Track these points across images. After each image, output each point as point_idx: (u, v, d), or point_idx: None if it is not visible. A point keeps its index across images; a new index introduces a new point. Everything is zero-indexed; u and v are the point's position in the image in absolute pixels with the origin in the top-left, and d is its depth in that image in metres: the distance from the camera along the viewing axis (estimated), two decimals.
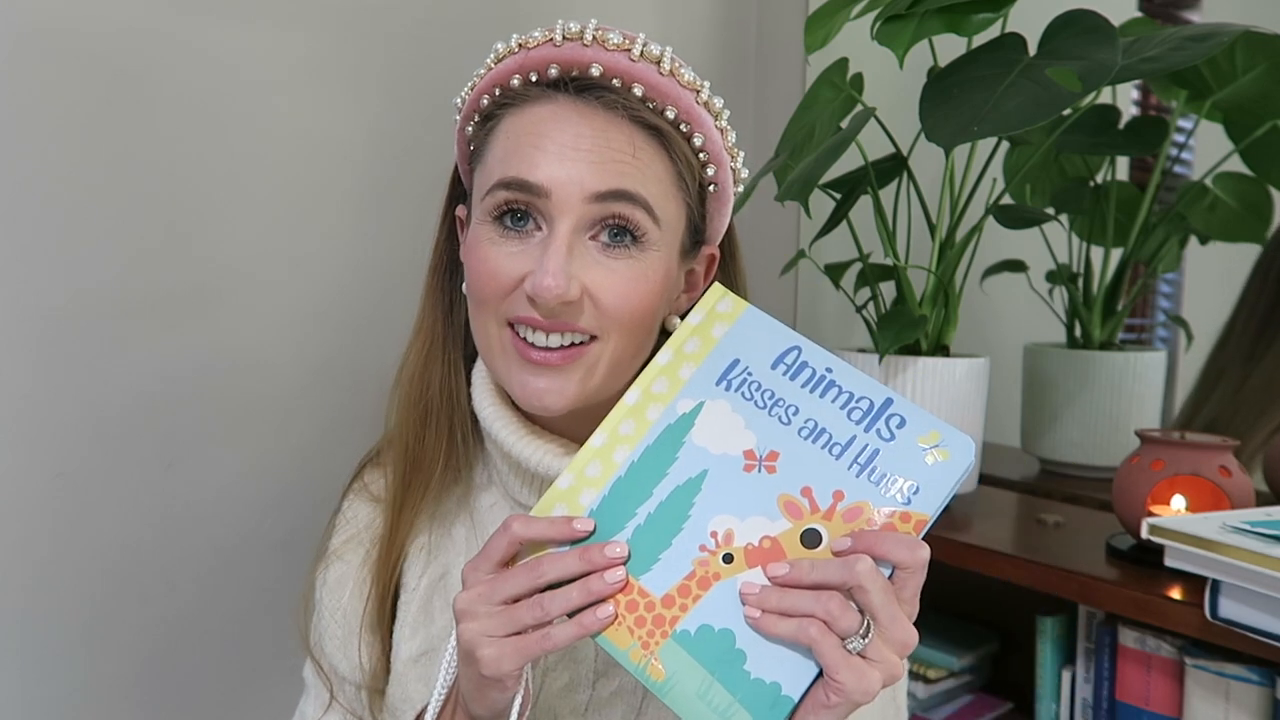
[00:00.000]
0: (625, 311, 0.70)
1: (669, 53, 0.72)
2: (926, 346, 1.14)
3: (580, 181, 0.68)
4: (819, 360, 0.63)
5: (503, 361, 0.72)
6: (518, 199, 0.69)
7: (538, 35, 0.71)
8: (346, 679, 0.82)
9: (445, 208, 0.81)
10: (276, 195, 1.12)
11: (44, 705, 1.02)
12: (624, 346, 0.72)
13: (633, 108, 0.70)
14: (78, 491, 1.02)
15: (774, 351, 0.64)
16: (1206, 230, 1.35)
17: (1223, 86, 1.21)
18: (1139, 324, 1.63)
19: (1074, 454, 1.34)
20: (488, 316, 0.72)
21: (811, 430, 0.61)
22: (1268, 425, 1.29)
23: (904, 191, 1.18)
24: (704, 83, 0.73)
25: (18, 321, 0.98)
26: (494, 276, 0.70)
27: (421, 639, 0.79)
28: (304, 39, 1.12)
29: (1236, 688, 0.87)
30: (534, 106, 0.70)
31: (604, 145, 0.69)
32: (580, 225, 0.69)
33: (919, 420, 0.60)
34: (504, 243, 0.70)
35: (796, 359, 0.64)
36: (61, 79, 0.99)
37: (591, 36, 0.70)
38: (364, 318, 1.18)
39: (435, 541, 0.81)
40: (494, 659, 0.59)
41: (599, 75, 0.70)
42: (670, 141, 0.71)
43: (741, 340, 0.65)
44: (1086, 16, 0.96)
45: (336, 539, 0.84)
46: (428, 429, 0.78)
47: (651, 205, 0.70)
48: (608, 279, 0.69)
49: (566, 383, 0.71)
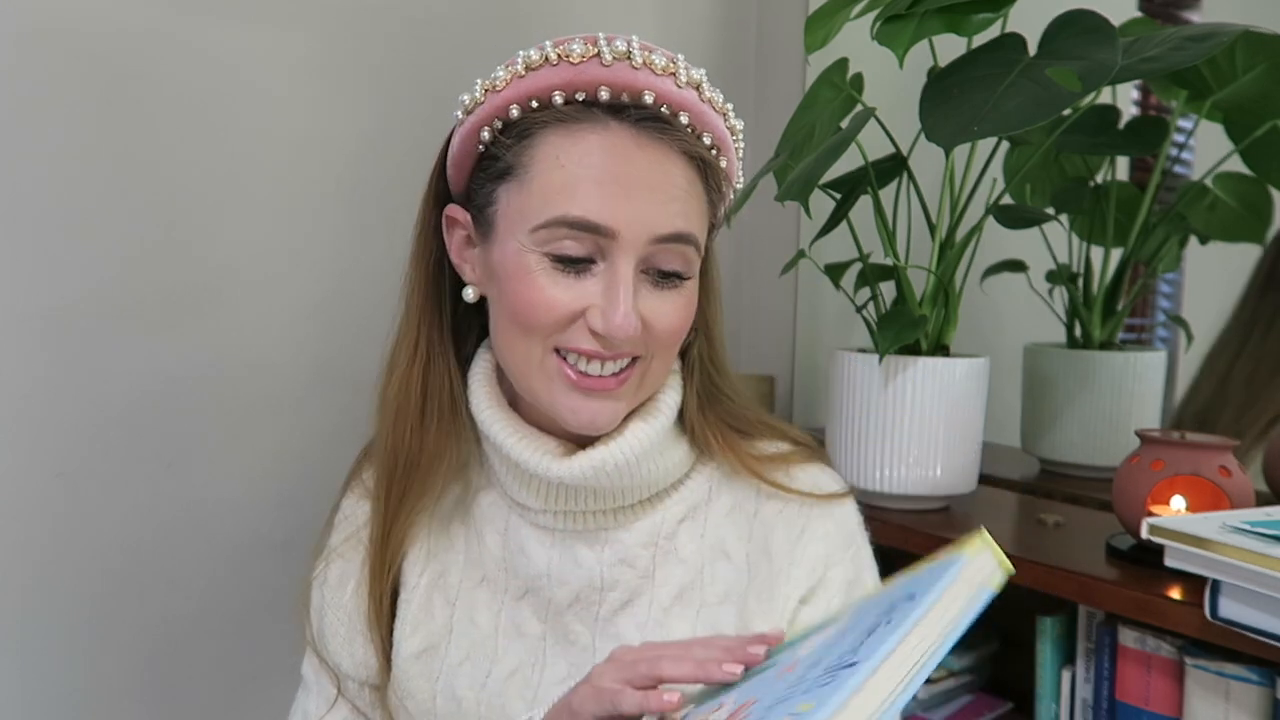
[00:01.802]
0: (674, 335, 0.73)
1: (704, 76, 0.72)
2: (926, 346, 1.14)
3: (646, 224, 0.68)
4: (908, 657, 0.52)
5: (546, 388, 0.72)
6: (581, 237, 0.68)
7: (578, 50, 0.69)
8: (350, 676, 0.82)
9: (430, 207, 0.80)
10: (276, 195, 1.12)
11: (44, 705, 1.02)
12: (664, 362, 0.75)
13: (684, 140, 0.70)
14: (78, 491, 1.02)
15: (876, 618, 0.56)
16: (1206, 230, 1.35)
17: (1223, 86, 1.21)
18: (1139, 324, 1.63)
19: (1074, 454, 1.34)
20: (533, 343, 0.71)
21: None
22: (1256, 420, 1.30)
23: (904, 191, 1.18)
24: (729, 105, 0.74)
25: (18, 321, 0.98)
26: (551, 309, 0.70)
27: (422, 636, 0.80)
28: (304, 39, 1.12)
29: (1236, 688, 0.87)
30: (585, 132, 0.69)
31: (665, 183, 0.69)
32: (640, 264, 0.70)
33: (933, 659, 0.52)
34: (559, 275, 0.70)
35: (886, 621, 0.54)
36: (61, 80, 0.99)
37: (641, 59, 0.69)
38: (364, 317, 1.18)
39: (434, 541, 0.82)
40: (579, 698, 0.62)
41: (652, 103, 0.69)
42: (711, 172, 0.72)
43: (870, 610, 0.58)
44: (1086, 16, 0.96)
45: (336, 537, 0.84)
46: (426, 429, 0.78)
47: (700, 242, 0.72)
48: (661, 307, 0.71)
49: (618, 404, 0.73)
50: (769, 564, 0.78)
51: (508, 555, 0.80)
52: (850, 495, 0.83)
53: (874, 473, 1.12)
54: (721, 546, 0.79)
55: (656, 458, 0.77)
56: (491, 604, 0.80)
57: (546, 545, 0.78)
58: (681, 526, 0.79)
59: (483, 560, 0.81)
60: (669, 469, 0.78)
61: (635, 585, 0.78)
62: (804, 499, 0.79)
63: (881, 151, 1.16)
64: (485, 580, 0.80)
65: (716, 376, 0.81)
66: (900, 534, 1.08)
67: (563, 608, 0.78)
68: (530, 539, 0.79)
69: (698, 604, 0.77)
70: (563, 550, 0.78)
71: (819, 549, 0.78)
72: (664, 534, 0.79)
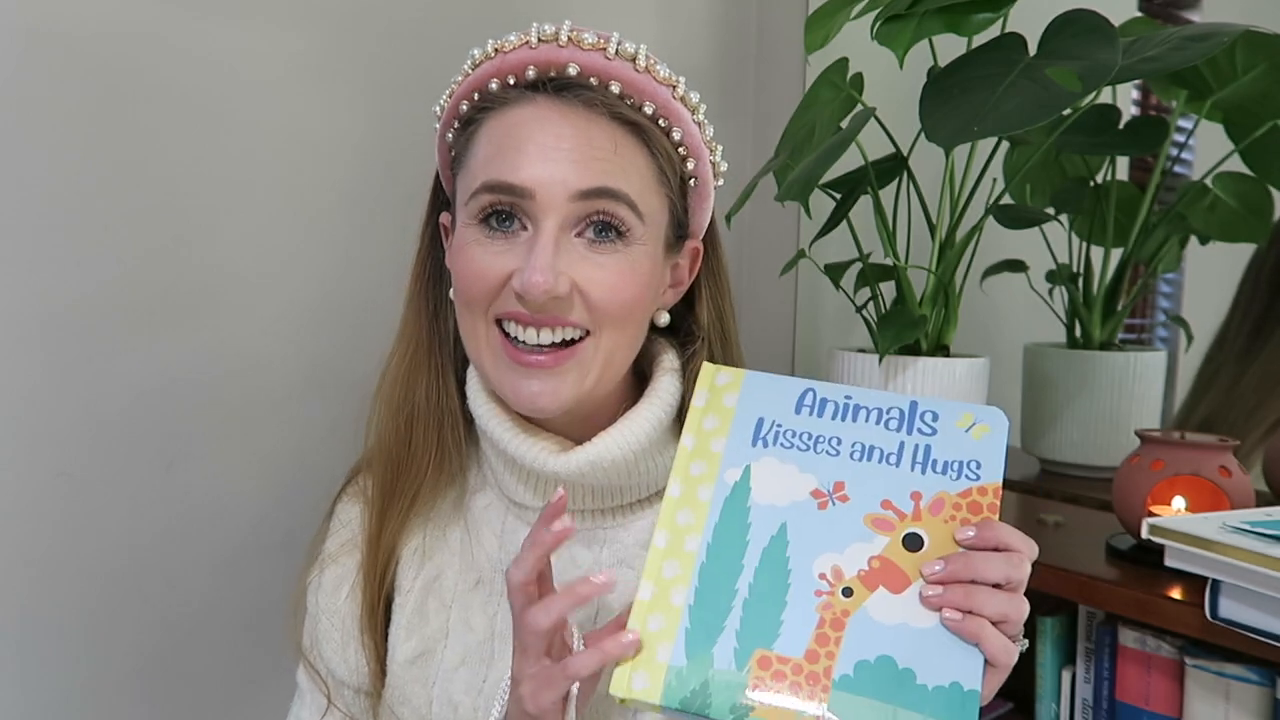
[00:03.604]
0: (615, 304, 0.71)
1: (644, 50, 0.73)
2: (926, 346, 1.14)
3: (563, 180, 0.69)
4: (835, 392, 0.65)
5: (493, 364, 0.73)
6: (502, 201, 0.70)
7: (513, 39, 0.72)
8: (345, 683, 0.82)
9: (427, 216, 0.82)
10: (276, 196, 1.12)
11: (44, 705, 1.02)
12: (616, 341, 0.73)
13: (611, 105, 0.71)
14: (79, 491, 1.02)
15: (791, 399, 0.65)
16: (1206, 230, 1.35)
17: (1223, 86, 1.21)
18: (1139, 324, 1.63)
19: (1074, 454, 1.34)
20: (476, 317, 0.72)
21: (863, 451, 0.63)
22: (1261, 423, 1.30)
23: (904, 191, 1.18)
24: (679, 78, 0.74)
25: (19, 322, 0.98)
26: (481, 276, 0.70)
27: (417, 641, 0.79)
28: (301, 40, 1.13)
29: (1236, 688, 0.87)
30: (514, 109, 0.71)
31: (585, 143, 0.70)
32: (565, 223, 0.70)
33: (948, 409, 0.64)
34: (490, 243, 0.71)
35: (815, 398, 0.65)
36: (60, 81, 0.99)
37: (567, 37, 0.71)
38: (364, 318, 1.18)
39: (429, 544, 0.81)
40: (530, 693, 0.62)
41: (576, 74, 0.71)
42: (650, 136, 0.72)
43: (755, 400, 0.66)
44: (1086, 16, 0.96)
45: (331, 543, 0.84)
46: (414, 434, 0.78)
47: (634, 200, 0.71)
48: (596, 273, 0.70)
49: (560, 384, 0.71)
50: None
51: (504, 556, 0.79)
52: None
53: None
54: None
55: (655, 455, 0.76)
56: (487, 607, 0.79)
57: None
58: None
59: (478, 563, 0.81)
60: (669, 467, 0.77)
61: (635, 587, 0.77)
62: None
63: (881, 151, 1.16)
64: (481, 583, 0.80)
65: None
66: None
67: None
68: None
69: None
70: (560, 551, 0.77)
71: None
72: None
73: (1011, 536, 0.60)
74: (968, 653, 0.57)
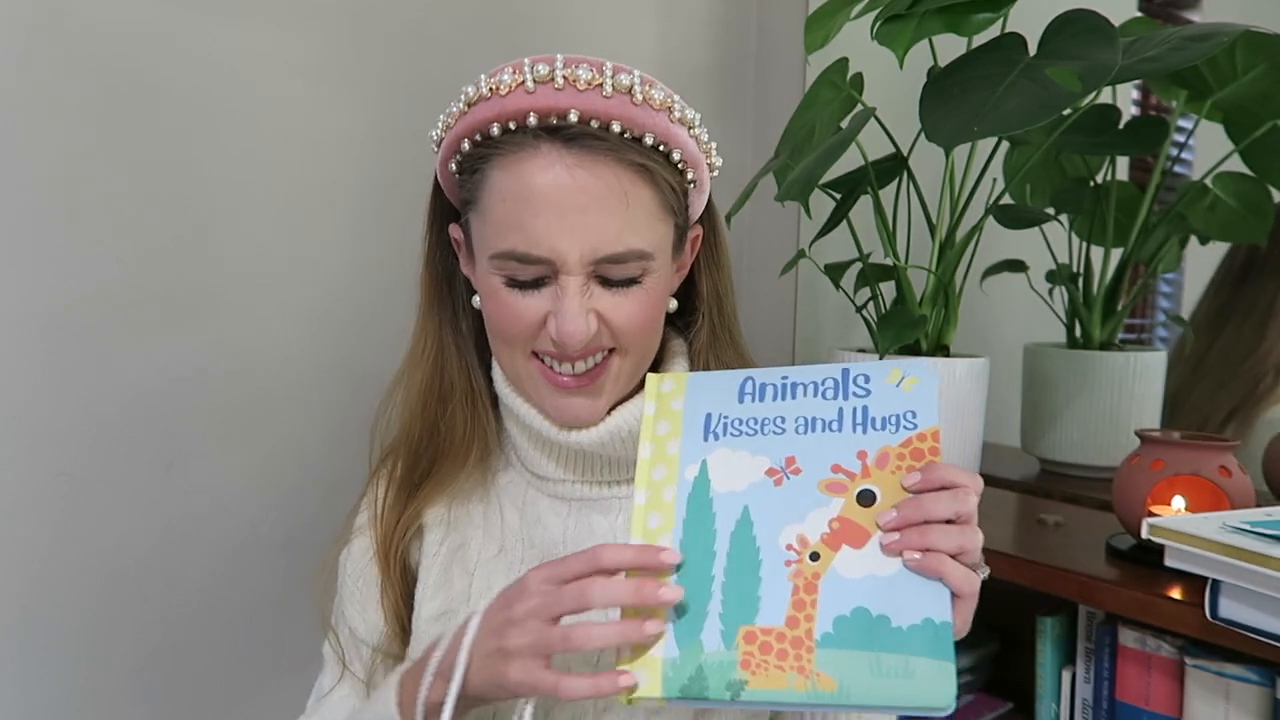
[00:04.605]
0: (638, 328, 0.76)
1: (638, 77, 0.73)
2: (926, 346, 1.14)
3: (579, 251, 0.72)
4: (772, 375, 0.69)
5: (532, 387, 0.79)
6: (528, 267, 0.73)
7: (508, 80, 0.73)
8: (365, 641, 0.85)
9: (429, 221, 0.84)
10: (277, 196, 1.12)
11: (44, 705, 1.02)
12: (641, 352, 0.79)
13: (615, 148, 0.72)
14: (79, 491, 1.02)
15: (732, 390, 0.69)
16: (1206, 230, 1.35)
17: (1223, 86, 1.21)
18: (1139, 324, 1.63)
19: (1074, 454, 1.34)
20: (515, 352, 0.78)
21: (806, 424, 0.66)
22: (1224, 403, 1.32)
23: (904, 191, 1.18)
24: (674, 98, 0.75)
25: (19, 322, 0.98)
26: (517, 320, 0.75)
27: (441, 600, 0.83)
28: (305, 40, 1.13)
29: (1236, 688, 0.87)
30: (520, 158, 0.72)
31: (598, 202, 0.72)
32: (588, 275, 0.74)
33: (877, 369, 0.68)
34: (520, 292, 0.75)
35: (754, 385, 0.69)
36: (62, 82, 0.99)
37: (562, 78, 0.72)
38: (365, 318, 1.18)
39: (454, 515, 0.86)
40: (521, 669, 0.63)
41: (577, 120, 0.72)
42: (654, 171, 0.74)
43: (700, 399, 0.70)
44: (1086, 16, 0.96)
45: (361, 517, 0.88)
46: (446, 414, 0.83)
47: (643, 249, 0.74)
48: (621, 305, 0.75)
49: (596, 399, 0.78)
50: None
51: (525, 526, 0.84)
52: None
53: None
54: None
55: None
56: (509, 575, 0.83)
57: (563, 515, 0.83)
58: None
59: (502, 534, 0.85)
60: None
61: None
62: None
63: (881, 151, 1.16)
64: (503, 551, 0.84)
65: (730, 348, 0.84)
66: None
67: None
68: (547, 509, 0.83)
69: None
70: (578, 519, 0.82)
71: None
72: None
73: (955, 474, 0.63)
74: (934, 589, 0.60)
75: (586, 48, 0.81)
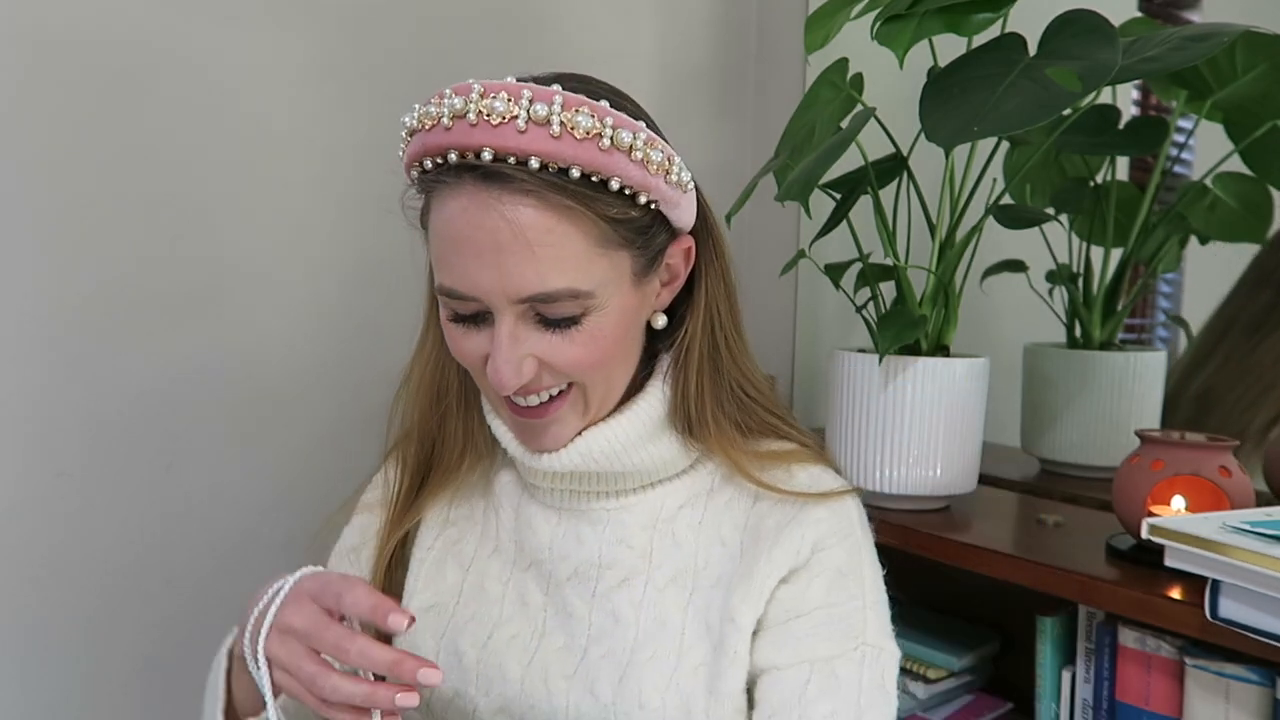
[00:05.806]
0: (585, 368, 0.74)
1: (558, 105, 0.67)
2: (926, 346, 1.14)
3: (502, 289, 0.70)
4: None
5: (502, 411, 0.80)
6: (460, 304, 0.73)
7: (432, 112, 0.70)
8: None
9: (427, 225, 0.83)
10: (277, 196, 1.12)
11: (44, 705, 1.02)
12: (605, 382, 0.77)
13: (533, 188, 0.68)
14: (79, 491, 1.02)
15: None
16: (1206, 230, 1.35)
17: (1223, 86, 1.21)
18: (1139, 324, 1.62)
19: (1074, 454, 1.34)
20: (479, 377, 0.77)
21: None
22: (1274, 400, 1.28)
23: (904, 191, 1.18)
24: (605, 122, 0.68)
25: (20, 322, 0.98)
26: (464, 356, 0.76)
27: (431, 593, 0.85)
28: (306, 40, 1.13)
29: (1236, 688, 0.87)
30: (447, 196, 0.71)
31: (517, 241, 0.68)
32: (518, 315, 0.72)
33: None
34: (463, 327, 0.75)
35: None
36: (62, 83, 0.99)
37: (476, 112, 0.67)
38: (365, 318, 1.18)
39: (454, 513, 0.88)
40: (284, 681, 0.68)
41: (491, 159, 0.68)
42: (583, 200, 0.69)
43: None
44: (1086, 16, 0.96)
45: (370, 495, 0.90)
46: (448, 423, 0.84)
47: (575, 288, 0.70)
48: (560, 348, 0.73)
49: (561, 427, 0.77)
50: (755, 546, 0.79)
51: (518, 529, 0.85)
52: (853, 493, 0.83)
53: (874, 473, 1.13)
54: (718, 533, 0.81)
55: (646, 446, 0.80)
56: (501, 574, 0.84)
57: (552, 523, 0.83)
58: (681, 512, 0.82)
59: (498, 533, 0.86)
60: (664, 459, 0.81)
61: (632, 565, 0.81)
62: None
63: (881, 151, 1.16)
64: (498, 551, 0.85)
65: (725, 366, 0.81)
66: (900, 534, 1.08)
67: (562, 581, 0.82)
68: (538, 515, 0.84)
69: (691, 587, 0.80)
70: (567, 528, 0.82)
71: (809, 533, 0.79)
72: (663, 518, 0.82)
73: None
74: None
75: (586, 48, 0.81)
